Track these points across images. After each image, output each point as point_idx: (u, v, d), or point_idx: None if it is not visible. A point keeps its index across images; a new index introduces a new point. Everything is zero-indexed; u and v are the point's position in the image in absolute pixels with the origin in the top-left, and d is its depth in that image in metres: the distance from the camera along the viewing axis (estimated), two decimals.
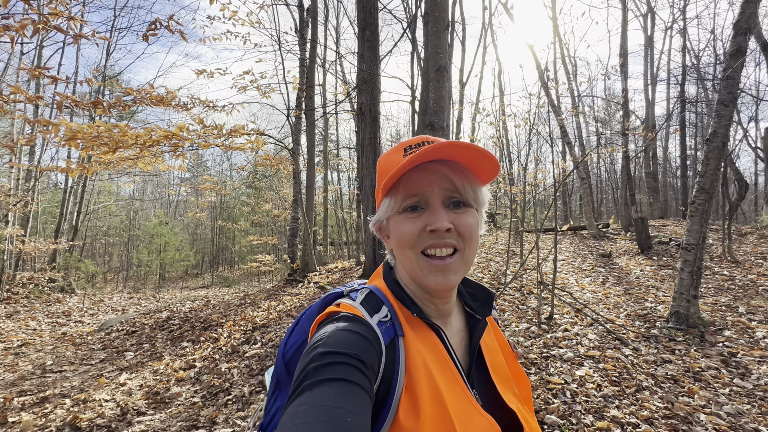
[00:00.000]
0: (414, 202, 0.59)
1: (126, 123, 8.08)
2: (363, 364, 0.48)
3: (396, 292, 0.63)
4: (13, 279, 9.40)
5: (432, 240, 0.57)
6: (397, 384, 0.52)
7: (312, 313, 0.70)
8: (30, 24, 3.37)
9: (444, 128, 5.34)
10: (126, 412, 3.07)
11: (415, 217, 0.58)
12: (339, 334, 0.51)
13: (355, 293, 0.63)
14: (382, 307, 0.59)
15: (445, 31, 5.25)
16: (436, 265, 0.57)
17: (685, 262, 4.15)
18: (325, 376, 0.44)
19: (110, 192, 19.45)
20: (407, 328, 0.58)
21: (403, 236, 0.58)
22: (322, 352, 0.47)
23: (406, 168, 0.55)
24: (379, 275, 0.69)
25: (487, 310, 0.68)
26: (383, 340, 0.54)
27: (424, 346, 0.57)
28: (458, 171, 0.59)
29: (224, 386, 3.41)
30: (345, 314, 0.56)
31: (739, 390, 2.85)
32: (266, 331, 4.70)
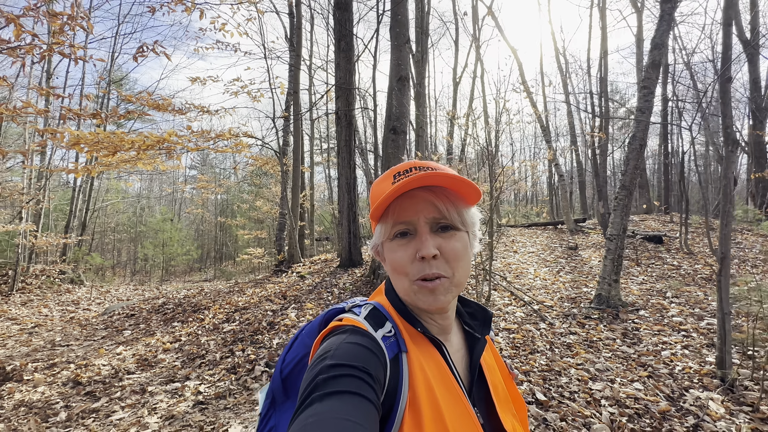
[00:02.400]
0: (403, 229, 0.60)
1: (122, 129, 8.75)
2: (371, 377, 0.48)
3: (399, 307, 0.63)
4: (27, 271, 10.20)
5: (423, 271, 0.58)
6: (400, 399, 0.52)
7: (313, 328, 0.69)
8: (38, 50, 4.03)
9: (405, 132, 5.93)
10: (118, 372, 3.74)
11: (405, 243, 0.60)
12: (346, 346, 0.51)
13: (358, 308, 0.64)
14: (386, 322, 0.60)
15: (405, 45, 5.82)
16: (426, 287, 0.58)
17: (608, 250, 4.71)
18: (333, 389, 0.44)
19: (118, 190, 20.34)
20: (410, 344, 0.58)
21: (396, 263, 0.60)
22: (330, 365, 0.48)
23: (391, 198, 0.58)
24: (381, 292, 0.69)
25: (486, 329, 0.69)
26: (388, 355, 0.54)
27: (427, 362, 0.58)
28: (443, 196, 0.61)
29: (201, 353, 4.07)
30: (351, 327, 0.57)
31: (620, 354, 3.43)
32: (245, 312, 5.36)
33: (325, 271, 7.14)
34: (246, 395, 3.05)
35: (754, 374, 3.01)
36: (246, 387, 3.19)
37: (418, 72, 8.60)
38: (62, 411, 2.98)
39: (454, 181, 0.58)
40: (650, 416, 2.48)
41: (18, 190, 9.71)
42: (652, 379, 2.98)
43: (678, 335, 3.84)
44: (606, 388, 2.81)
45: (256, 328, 4.58)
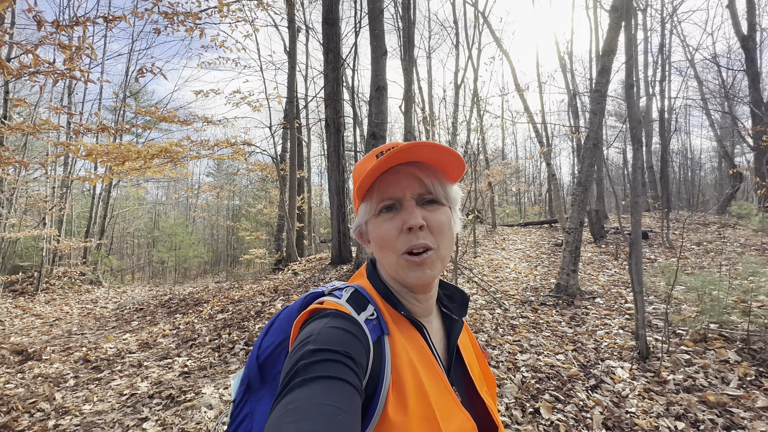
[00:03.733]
0: (388, 202, 0.60)
1: (140, 140, 9.45)
2: (353, 361, 0.48)
3: (382, 290, 0.63)
4: (50, 273, 11.04)
5: (410, 242, 0.58)
6: (384, 381, 0.52)
7: (291, 312, 0.66)
8: (53, 74, 4.67)
9: (384, 137, 6.40)
10: (121, 352, 4.31)
11: (391, 217, 0.60)
12: (329, 330, 0.51)
13: (339, 291, 0.62)
14: (368, 305, 0.59)
15: (383, 57, 6.30)
16: (414, 261, 0.58)
17: (566, 243, 5.06)
18: (315, 374, 0.44)
19: (136, 197, 21.42)
20: (392, 326, 0.59)
21: (383, 238, 0.60)
22: (312, 350, 0.47)
23: (377, 172, 0.58)
24: (363, 275, 0.69)
25: (463, 311, 0.70)
26: (371, 338, 0.54)
27: (409, 343, 0.58)
28: (427, 171, 0.61)
29: (193, 337, 4.61)
30: (332, 311, 0.56)
31: (559, 334, 3.80)
32: (238, 304, 5.90)
33: (317, 268, 7.65)
34: (224, 367, 3.56)
35: (669, 347, 3.36)
36: (225, 361, 3.71)
37: (406, 80, 9.06)
38: (71, 380, 3.54)
39: (438, 150, 0.58)
40: (558, 379, 2.88)
41: (42, 198, 10.56)
42: (576, 352, 3.36)
43: (621, 318, 4.18)
44: (531, 359, 3.21)
45: (245, 316, 5.10)
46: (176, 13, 6.73)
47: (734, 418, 2.44)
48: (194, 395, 2.95)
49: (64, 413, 2.84)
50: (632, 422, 2.41)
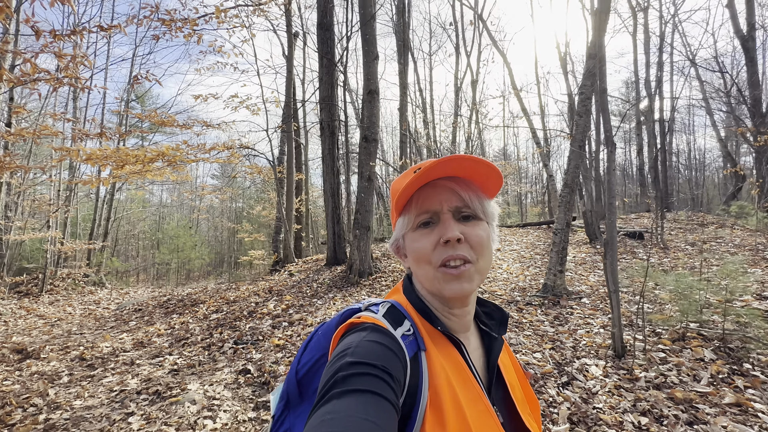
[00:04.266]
0: (426, 218, 0.60)
1: (145, 143, 9.61)
2: (390, 376, 0.48)
3: (418, 306, 0.63)
4: (55, 274, 11.25)
5: (447, 253, 0.58)
6: (421, 398, 0.51)
7: (329, 327, 0.66)
8: (50, 81, 4.83)
9: (376, 140, 6.50)
10: (116, 351, 4.44)
11: (429, 232, 0.60)
12: (366, 344, 0.51)
13: (375, 307, 0.62)
14: (404, 320, 0.59)
15: (375, 61, 6.41)
16: (451, 274, 0.57)
17: (554, 244, 5.13)
18: (353, 387, 0.44)
19: (141, 200, 21.71)
20: (429, 342, 0.58)
21: (419, 251, 0.59)
22: (350, 362, 0.47)
23: (415, 186, 0.58)
24: (399, 290, 0.68)
25: (503, 329, 0.68)
26: (408, 353, 0.54)
27: (447, 361, 0.57)
28: (465, 185, 0.61)
29: (186, 336, 4.73)
30: (370, 325, 0.56)
31: (540, 333, 3.87)
32: (232, 304, 6.02)
33: (312, 269, 7.76)
34: (212, 365, 3.67)
35: (646, 346, 3.42)
36: (214, 359, 3.82)
37: (401, 83, 9.15)
38: (66, 377, 3.67)
39: (476, 164, 0.58)
40: (532, 377, 2.95)
41: (46, 201, 10.78)
42: (554, 350, 3.43)
43: (605, 318, 4.24)
44: None
45: (237, 316, 5.22)
46: (174, 20, 6.90)
47: (699, 414, 2.51)
48: (180, 391, 3.07)
49: (56, 408, 2.97)
50: (597, 417, 2.48)
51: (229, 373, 3.36)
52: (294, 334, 4.20)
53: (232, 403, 2.84)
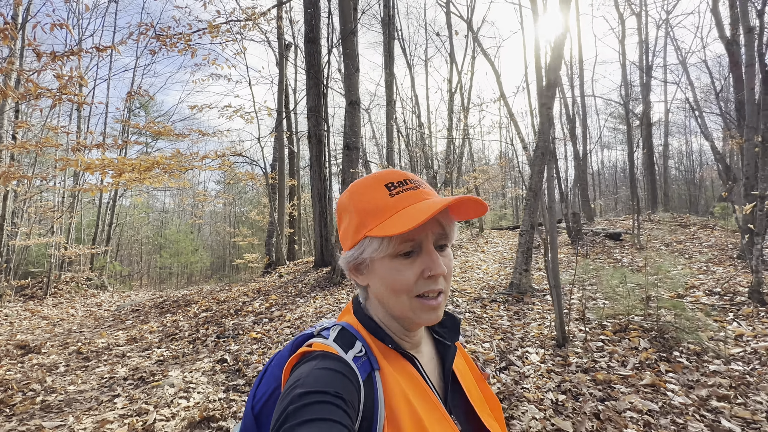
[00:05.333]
0: (410, 247, 0.58)
1: (149, 150, 10.02)
2: (343, 401, 0.48)
3: (369, 326, 0.63)
4: (59, 278, 11.71)
5: (429, 287, 0.58)
6: (378, 418, 0.51)
7: (282, 357, 0.67)
8: (51, 97, 5.26)
9: (358, 148, 6.88)
10: (110, 346, 4.83)
11: (410, 263, 0.58)
12: (316, 373, 0.51)
13: (327, 331, 0.62)
14: (356, 342, 0.59)
15: (355, 74, 6.79)
16: (430, 305, 0.58)
17: (520, 244, 5.46)
18: (306, 417, 0.44)
19: (144, 206, 22.27)
20: (383, 361, 0.58)
21: (400, 283, 0.58)
22: (300, 393, 0.47)
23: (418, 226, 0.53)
24: (350, 311, 0.68)
25: (455, 335, 0.69)
26: (360, 376, 0.54)
27: (402, 376, 0.57)
28: (447, 215, 0.61)
29: (175, 333, 5.11)
30: (320, 353, 0.56)
31: (495, 326, 4.21)
32: (222, 304, 6.40)
33: (301, 271, 8.13)
34: (194, 356, 4.04)
35: (587, 336, 3.74)
36: (197, 351, 4.19)
37: (387, 93, 9.53)
38: (63, 367, 4.06)
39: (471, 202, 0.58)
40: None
41: (49, 207, 11.26)
42: (503, 341, 3.76)
43: None
44: None
45: (224, 314, 5.59)
46: (168, 36, 7.34)
47: (613, 393, 2.83)
48: (162, 377, 3.43)
49: (51, 392, 3.34)
50: (522, 395, 2.81)
51: (208, 362, 3.72)
52: (272, 329, 4.56)
53: (206, 386, 3.20)
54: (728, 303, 4.51)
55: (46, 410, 3.00)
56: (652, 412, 2.60)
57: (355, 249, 0.62)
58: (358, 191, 0.63)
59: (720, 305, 4.48)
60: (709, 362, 3.28)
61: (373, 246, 0.59)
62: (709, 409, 2.65)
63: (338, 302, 5.43)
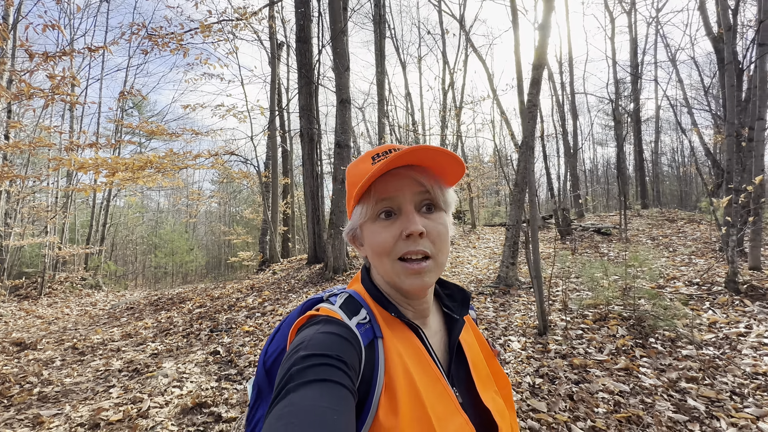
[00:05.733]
0: (386, 206, 0.59)
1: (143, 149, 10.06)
2: (345, 364, 0.49)
3: (374, 294, 0.64)
4: (53, 278, 11.73)
5: (408, 248, 0.57)
6: (376, 384, 0.52)
7: (292, 319, 0.69)
8: (43, 97, 5.33)
9: (349, 146, 6.98)
10: (105, 341, 4.91)
11: (389, 224, 0.59)
12: (319, 336, 0.52)
13: (334, 297, 0.64)
14: (360, 309, 0.60)
15: (345, 73, 6.89)
16: (412, 269, 0.57)
17: (507, 238, 5.60)
18: (308, 378, 0.45)
19: (139, 205, 22.25)
20: (386, 329, 0.59)
21: (379, 245, 0.59)
22: (303, 355, 0.48)
23: (377, 175, 0.56)
24: (358, 280, 0.69)
25: (464, 309, 0.69)
26: (362, 342, 0.55)
27: (403, 346, 0.58)
28: (427, 174, 0.60)
29: (170, 328, 5.20)
30: (324, 317, 0.57)
31: (482, 317, 4.34)
32: (216, 299, 6.50)
33: (294, 268, 8.23)
34: (188, 349, 4.14)
35: (568, 325, 3.89)
36: (190, 344, 4.29)
37: (379, 92, 9.64)
38: (58, 362, 4.15)
39: (439, 154, 0.57)
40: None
41: (43, 208, 11.28)
42: (487, 330, 3.90)
43: (545, 304, 4.70)
44: None
45: (218, 310, 5.69)
46: (160, 36, 7.40)
47: (588, 376, 2.97)
48: (156, 369, 3.54)
49: (48, 384, 3.44)
50: None
51: (201, 354, 3.83)
52: (264, 323, 4.67)
53: (199, 376, 3.31)
54: (705, 293, 4.68)
55: (43, 401, 3.10)
56: (623, 393, 2.74)
57: (351, 219, 0.66)
58: (351, 167, 0.67)
59: (698, 295, 4.64)
60: (682, 348, 3.44)
61: (358, 212, 0.63)
62: (678, 389, 2.80)
63: None
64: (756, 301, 4.25)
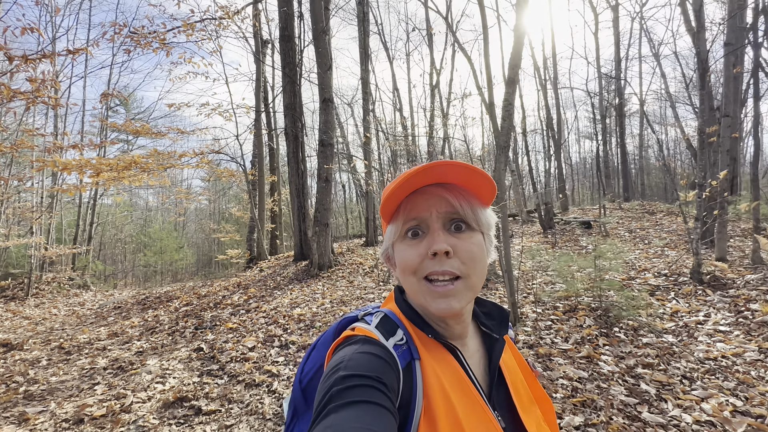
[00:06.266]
0: (413, 225, 0.58)
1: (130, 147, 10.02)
2: (385, 386, 0.48)
3: (409, 315, 0.62)
4: (40, 279, 11.69)
5: (433, 267, 0.55)
6: (415, 408, 0.51)
7: (327, 337, 0.68)
8: (25, 98, 5.34)
9: (333, 144, 7.08)
10: (91, 340, 5.00)
11: (416, 243, 0.58)
12: (359, 357, 0.51)
13: (370, 317, 0.63)
14: (397, 330, 0.59)
15: (328, 72, 6.97)
16: (437, 291, 0.55)
17: None
18: (349, 399, 0.44)
19: (127, 204, 22.09)
20: (423, 351, 0.57)
21: (405, 263, 0.57)
22: (344, 375, 0.47)
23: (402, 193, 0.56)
24: (392, 299, 0.67)
25: (504, 328, 0.67)
26: (400, 364, 0.53)
27: (441, 368, 0.56)
28: (457, 192, 0.58)
29: (156, 326, 5.30)
30: (362, 337, 0.56)
31: None
32: (202, 297, 6.59)
33: (281, 265, 8.34)
34: (173, 346, 4.25)
35: (538, 317, 4.07)
36: (175, 342, 4.40)
37: (364, 90, 9.71)
38: (45, 361, 4.23)
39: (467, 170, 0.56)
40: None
41: (28, 208, 11.21)
42: None
43: (519, 296, 4.88)
44: None
45: (204, 308, 5.79)
46: (142, 35, 7.40)
47: (551, 364, 3.15)
48: (140, 366, 3.65)
49: (34, 383, 3.53)
50: None
51: (185, 351, 3.94)
52: (248, 320, 4.79)
53: (182, 372, 3.43)
54: (672, 283, 4.90)
55: (29, 399, 3.19)
56: (581, 379, 2.93)
57: (384, 239, 0.65)
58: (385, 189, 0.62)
59: (664, 286, 4.87)
60: (644, 336, 3.64)
61: (389, 232, 0.62)
62: (633, 375, 2.99)
63: (313, 293, 5.68)
64: (717, 291, 4.48)
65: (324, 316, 4.62)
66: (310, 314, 4.69)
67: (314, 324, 4.36)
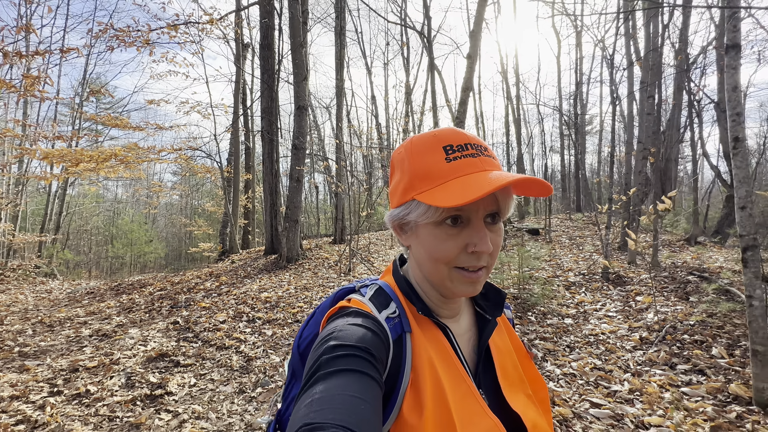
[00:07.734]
0: (457, 214, 0.55)
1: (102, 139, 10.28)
2: (373, 357, 0.49)
3: (404, 289, 0.63)
4: (5, 266, 11.67)
5: (470, 262, 0.55)
6: (402, 379, 0.53)
7: (325, 306, 0.70)
8: (15, 91, 5.73)
9: (304, 147, 7.72)
10: (71, 317, 5.43)
11: (456, 233, 0.56)
12: (349, 328, 0.52)
13: (365, 289, 0.64)
14: (390, 303, 0.60)
15: (303, 82, 7.63)
16: (469, 278, 0.56)
17: None
18: (337, 367, 0.46)
19: (95, 195, 21.78)
20: (414, 325, 0.58)
21: (440, 252, 0.56)
22: (333, 345, 0.49)
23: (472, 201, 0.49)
24: (390, 272, 0.69)
25: (498, 310, 0.67)
26: (391, 336, 0.55)
27: (431, 343, 0.57)
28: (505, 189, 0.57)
29: (132, 307, 5.78)
30: (354, 309, 0.58)
31: None
32: (176, 284, 7.07)
33: (251, 258, 8.88)
34: (150, 321, 4.79)
35: None
36: (153, 318, 4.93)
37: (338, 98, 10.40)
38: (30, 331, 4.68)
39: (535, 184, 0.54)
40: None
41: None
42: None
43: None
44: None
45: (178, 292, 6.30)
46: (128, 33, 7.86)
47: None
48: (123, 334, 4.19)
49: (25, 347, 4.01)
50: None
51: (163, 324, 4.50)
52: (219, 301, 5.37)
53: (161, 338, 4.01)
54: (585, 280, 5.84)
55: (25, 357, 3.70)
56: None
57: (401, 208, 0.60)
58: (414, 150, 0.59)
59: (579, 282, 5.80)
60: (549, 319, 4.49)
61: (420, 210, 0.57)
62: (529, 346, 3.81)
63: (281, 281, 6.30)
64: (618, 286, 5.44)
65: (288, 299, 5.27)
66: (276, 297, 5.32)
67: (278, 304, 5.01)
